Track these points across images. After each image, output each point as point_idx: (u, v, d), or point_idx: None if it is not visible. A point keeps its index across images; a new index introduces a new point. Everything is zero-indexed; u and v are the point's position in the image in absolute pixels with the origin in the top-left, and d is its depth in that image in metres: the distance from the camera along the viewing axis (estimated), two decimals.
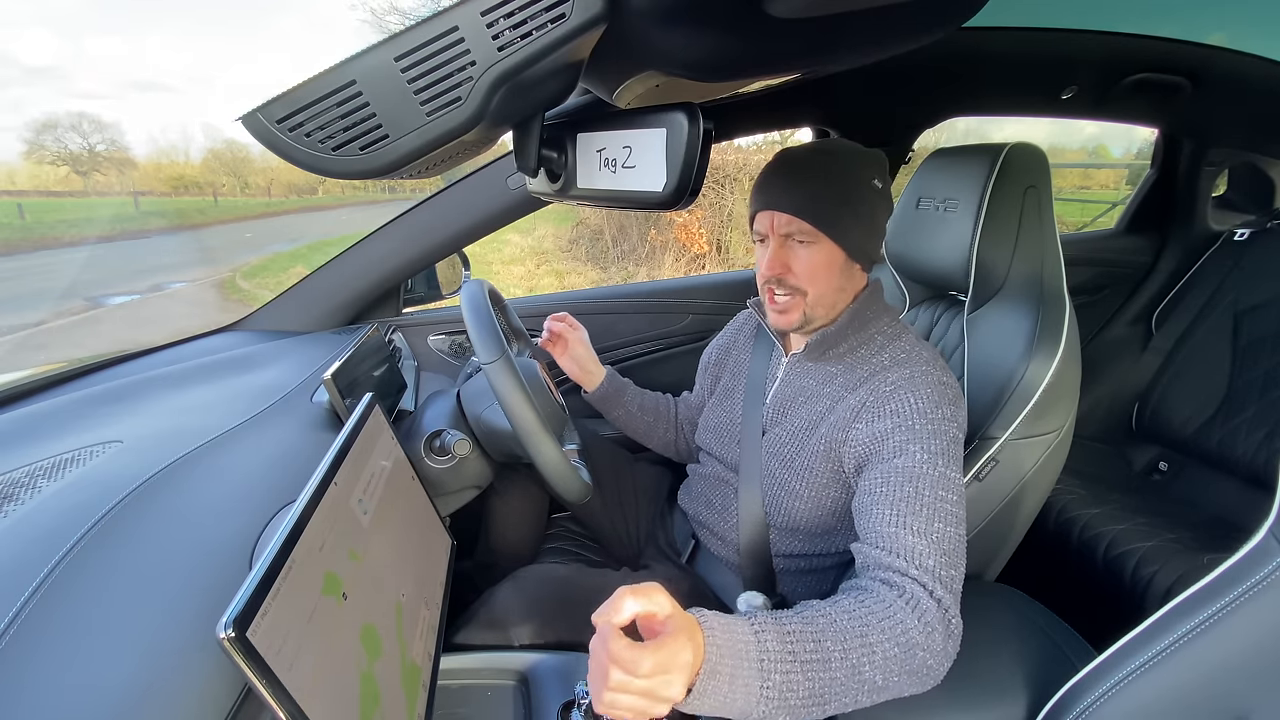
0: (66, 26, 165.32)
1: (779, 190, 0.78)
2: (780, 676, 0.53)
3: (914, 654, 0.57)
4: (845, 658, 0.55)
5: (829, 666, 0.54)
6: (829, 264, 0.79)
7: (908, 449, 0.69)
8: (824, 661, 0.54)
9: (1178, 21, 1.18)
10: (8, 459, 0.60)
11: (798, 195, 0.77)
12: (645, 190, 0.52)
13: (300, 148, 0.43)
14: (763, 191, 0.80)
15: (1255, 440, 1.37)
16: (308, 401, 0.85)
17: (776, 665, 0.53)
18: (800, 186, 0.77)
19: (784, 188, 0.78)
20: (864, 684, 0.55)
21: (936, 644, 0.58)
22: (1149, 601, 1.12)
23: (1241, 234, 1.61)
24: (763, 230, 0.81)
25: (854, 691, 0.55)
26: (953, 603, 0.61)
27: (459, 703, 0.71)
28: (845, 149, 0.80)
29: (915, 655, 0.57)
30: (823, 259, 0.78)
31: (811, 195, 0.76)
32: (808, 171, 0.77)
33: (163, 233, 14.20)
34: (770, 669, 0.52)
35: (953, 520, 0.65)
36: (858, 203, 0.78)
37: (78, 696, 0.39)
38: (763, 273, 0.81)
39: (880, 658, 0.56)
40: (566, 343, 1.09)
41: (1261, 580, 0.50)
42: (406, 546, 0.67)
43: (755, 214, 0.82)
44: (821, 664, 0.54)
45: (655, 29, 0.47)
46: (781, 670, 0.53)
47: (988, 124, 7.18)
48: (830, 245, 0.78)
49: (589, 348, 1.11)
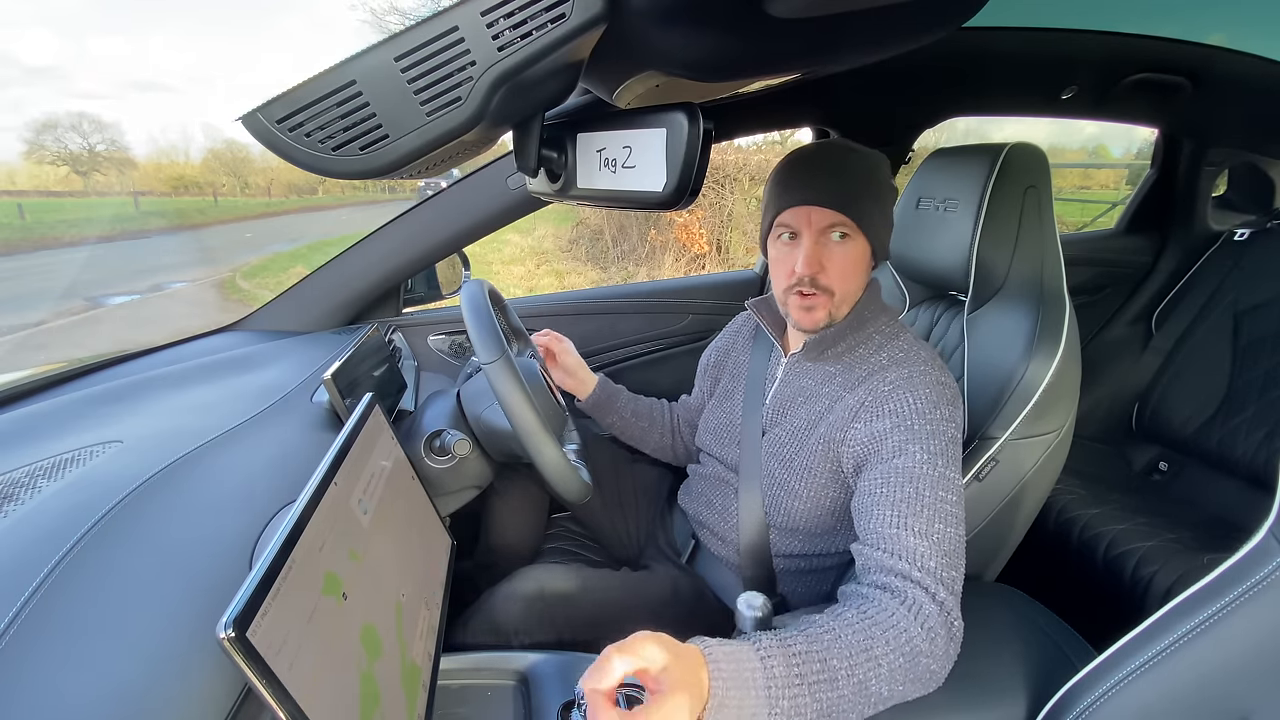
0: (67, 26, 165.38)
1: (818, 185, 0.76)
2: (788, 702, 0.52)
3: (918, 661, 0.57)
4: (851, 674, 0.54)
5: (836, 685, 0.54)
6: (860, 261, 0.79)
7: (907, 449, 0.69)
8: (831, 681, 0.54)
9: (1178, 21, 1.18)
10: (8, 459, 0.60)
11: (836, 188, 0.76)
12: (645, 190, 0.52)
13: (300, 148, 0.43)
14: (796, 187, 0.77)
15: (1255, 440, 1.37)
16: (308, 401, 0.85)
17: (784, 691, 0.52)
18: (838, 179, 0.76)
19: (819, 181, 0.76)
20: (870, 697, 0.55)
21: (939, 648, 0.58)
22: (1149, 601, 1.12)
23: (1241, 234, 1.61)
24: (795, 226, 0.78)
25: (860, 706, 0.55)
26: (954, 604, 0.61)
27: (459, 703, 0.71)
28: (860, 147, 0.80)
29: (919, 663, 0.57)
30: (856, 255, 0.78)
31: (851, 191, 0.76)
32: (844, 166, 0.77)
33: (163, 233, 14.21)
34: (778, 695, 0.52)
35: (953, 521, 0.65)
36: (886, 200, 0.79)
37: (77, 696, 0.39)
38: (795, 271, 0.77)
39: (886, 670, 0.56)
40: (554, 355, 1.11)
41: (1261, 580, 0.50)
42: (406, 546, 0.67)
43: (784, 209, 0.79)
44: (829, 684, 0.54)
45: (655, 29, 0.47)
46: (789, 696, 0.52)
47: (988, 124, 7.18)
48: (864, 242, 0.78)
49: (577, 357, 1.13)
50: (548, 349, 1.11)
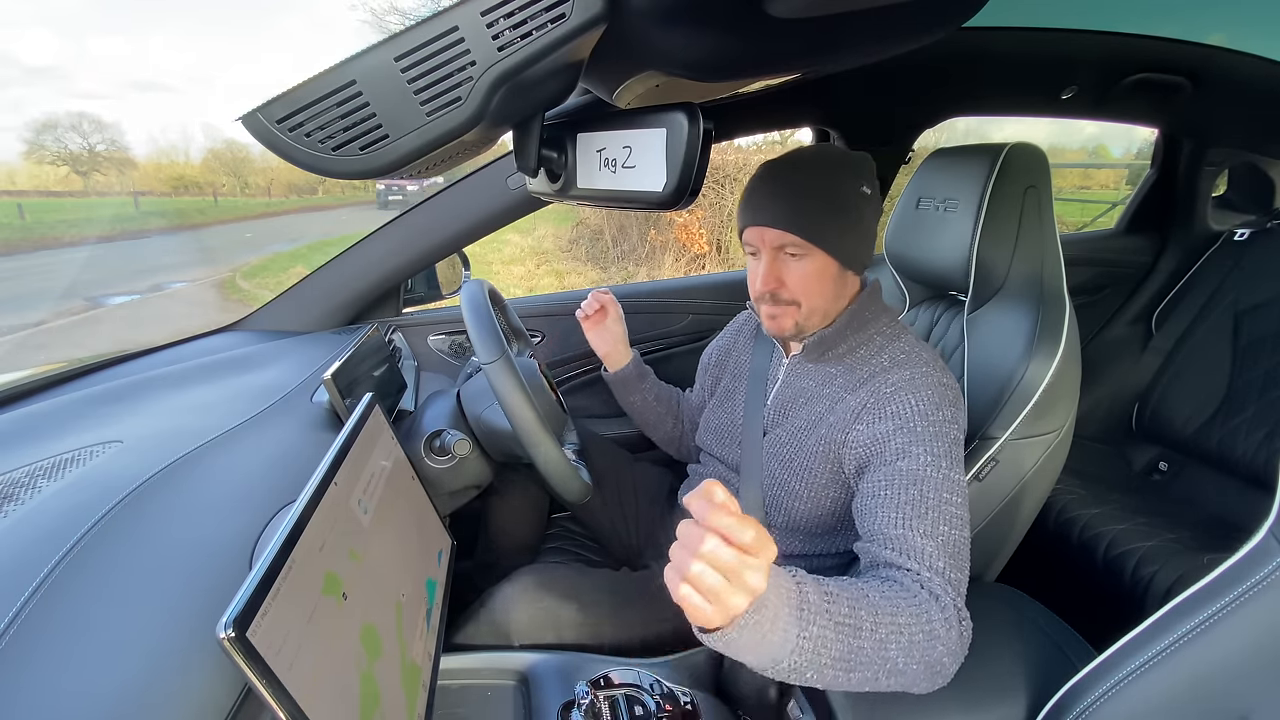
0: (67, 26, 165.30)
1: (766, 204, 0.77)
2: (816, 629, 0.51)
3: (935, 645, 0.57)
4: (875, 630, 0.54)
5: (859, 634, 0.53)
6: (822, 275, 0.78)
7: (911, 451, 0.69)
8: (855, 629, 0.53)
9: (1178, 21, 1.18)
10: (8, 459, 0.60)
11: (785, 208, 0.76)
12: (645, 190, 0.52)
13: (300, 148, 0.43)
14: (751, 207, 0.79)
15: (1255, 440, 1.37)
16: (308, 401, 0.85)
17: (815, 618, 0.51)
18: (787, 199, 0.76)
19: (771, 201, 0.77)
20: (886, 663, 0.55)
21: (953, 643, 0.59)
22: (1149, 601, 1.12)
23: (1241, 234, 1.61)
24: (754, 244, 0.80)
25: (876, 668, 0.55)
26: (963, 606, 0.61)
27: (459, 703, 0.71)
28: (830, 156, 0.79)
29: (936, 647, 0.57)
30: (815, 270, 0.78)
31: (799, 208, 0.76)
32: (795, 184, 0.77)
33: (163, 233, 14.21)
34: (809, 620, 0.51)
35: (957, 523, 0.65)
36: (846, 211, 0.77)
37: (78, 696, 0.39)
38: (756, 288, 0.81)
39: (906, 640, 0.56)
40: (605, 315, 1.10)
41: (1261, 580, 0.50)
42: (406, 546, 0.67)
43: (744, 229, 0.81)
44: (853, 630, 0.53)
45: (655, 29, 0.47)
46: (818, 624, 0.51)
47: (988, 124, 7.19)
48: (822, 256, 0.77)
49: (624, 326, 1.13)
50: (604, 306, 1.11)
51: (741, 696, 0.76)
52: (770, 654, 0.50)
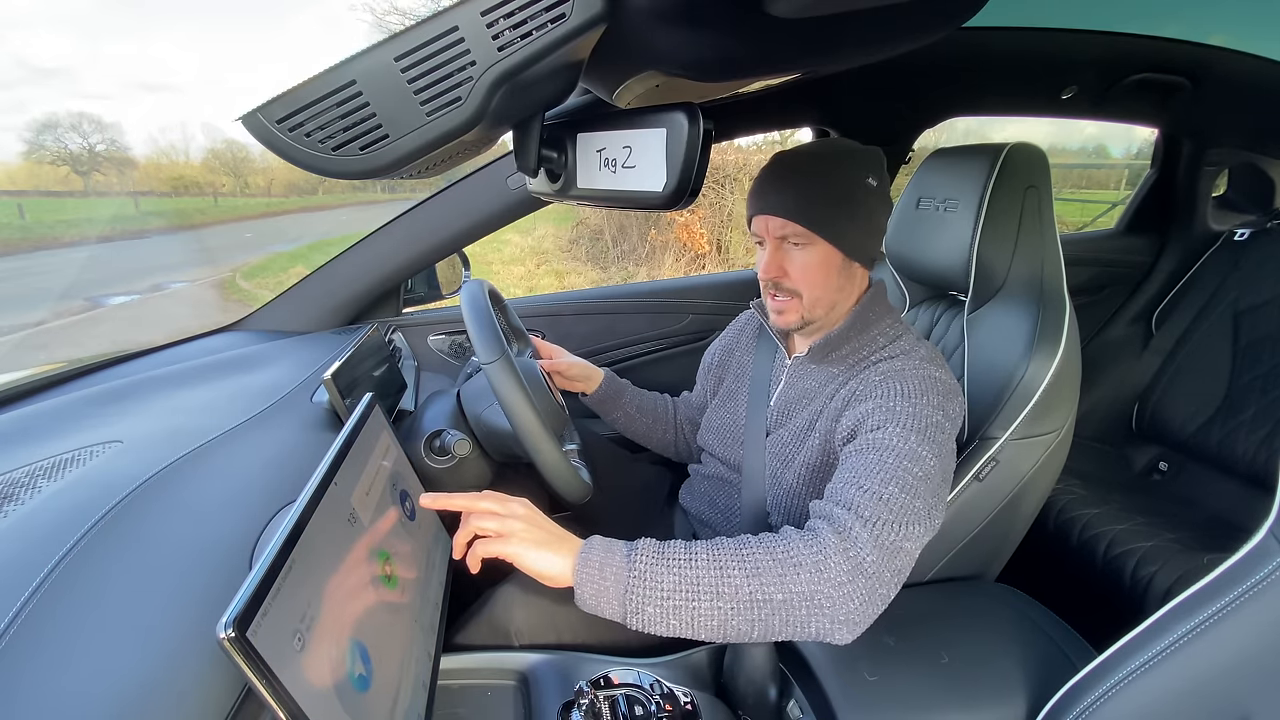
0: (74, 27, 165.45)
1: (772, 194, 0.78)
2: (645, 565, 0.59)
3: (799, 572, 0.59)
4: (713, 561, 0.60)
5: (694, 565, 0.60)
6: (825, 265, 0.79)
7: (884, 426, 0.69)
8: (689, 561, 0.60)
9: (1178, 21, 1.18)
10: (8, 459, 0.60)
11: (790, 198, 0.77)
12: (645, 190, 0.52)
13: (300, 148, 0.43)
14: (757, 196, 0.80)
15: (1255, 440, 1.37)
16: (308, 401, 0.85)
17: (642, 556, 0.60)
18: (793, 189, 0.77)
19: (777, 191, 0.78)
20: (736, 591, 0.58)
21: (831, 573, 0.59)
22: (1149, 601, 1.12)
23: (1241, 234, 1.61)
24: (759, 234, 0.82)
25: (726, 599, 0.58)
26: (866, 540, 0.61)
27: (459, 703, 0.71)
28: (839, 149, 0.80)
29: (799, 575, 0.58)
30: (818, 260, 0.78)
31: (804, 197, 0.77)
32: (800, 174, 0.78)
33: (163, 233, 14.19)
34: (636, 559, 0.60)
35: (910, 490, 0.64)
36: (852, 203, 0.77)
37: (78, 696, 0.39)
38: (761, 275, 0.82)
39: (751, 565, 0.59)
40: (555, 361, 1.11)
41: (1261, 580, 0.50)
42: (406, 546, 0.67)
43: (751, 218, 0.82)
44: (686, 562, 0.60)
45: (655, 29, 0.47)
46: (647, 560, 0.60)
47: (988, 124, 7.19)
48: (826, 247, 0.78)
49: (574, 359, 1.13)
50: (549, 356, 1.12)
51: (741, 696, 0.75)
52: (616, 597, 0.59)
